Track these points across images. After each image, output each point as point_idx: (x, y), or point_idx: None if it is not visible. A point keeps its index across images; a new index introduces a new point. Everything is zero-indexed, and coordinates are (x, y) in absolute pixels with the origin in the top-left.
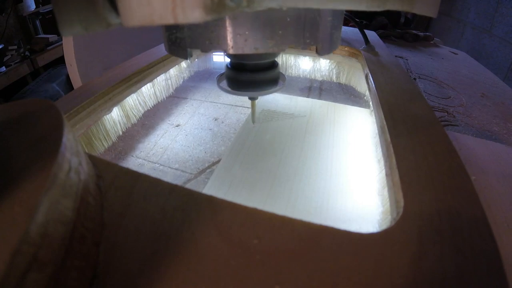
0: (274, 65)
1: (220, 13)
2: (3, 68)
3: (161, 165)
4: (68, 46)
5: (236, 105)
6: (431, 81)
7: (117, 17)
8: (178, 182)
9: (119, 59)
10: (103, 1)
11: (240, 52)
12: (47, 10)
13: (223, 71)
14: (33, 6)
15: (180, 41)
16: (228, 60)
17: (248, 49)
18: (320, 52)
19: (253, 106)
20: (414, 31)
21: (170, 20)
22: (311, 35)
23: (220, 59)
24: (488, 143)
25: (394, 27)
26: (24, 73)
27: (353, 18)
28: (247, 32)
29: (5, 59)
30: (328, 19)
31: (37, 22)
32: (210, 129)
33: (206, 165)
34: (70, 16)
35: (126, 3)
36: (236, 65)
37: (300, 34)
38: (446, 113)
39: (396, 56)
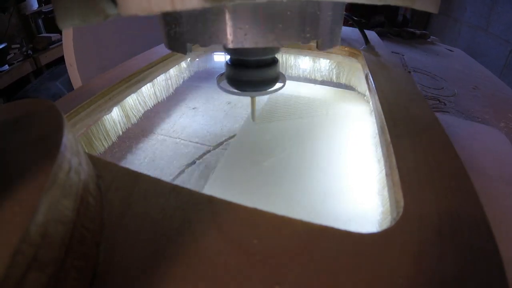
0: (273, 66)
1: (219, 0)
2: (6, 67)
3: (182, 139)
4: (68, 47)
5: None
6: (425, 74)
7: (114, 7)
8: (199, 152)
9: (119, 59)
10: None
11: (240, 46)
12: (50, 9)
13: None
14: (35, 5)
15: (179, 35)
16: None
17: (248, 43)
18: (321, 47)
19: (253, 103)
20: (410, 29)
21: (167, 8)
22: (312, 29)
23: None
24: (474, 124)
25: (392, 26)
26: (27, 72)
27: (352, 17)
28: (247, 26)
29: (8, 57)
30: (328, 13)
31: (40, 21)
32: (224, 111)
33: (223, 139)
34: (68, 8)
35: None
36: (235, 65)
37: (301, 28)
38: (438, 101)
39: (392, 52)
